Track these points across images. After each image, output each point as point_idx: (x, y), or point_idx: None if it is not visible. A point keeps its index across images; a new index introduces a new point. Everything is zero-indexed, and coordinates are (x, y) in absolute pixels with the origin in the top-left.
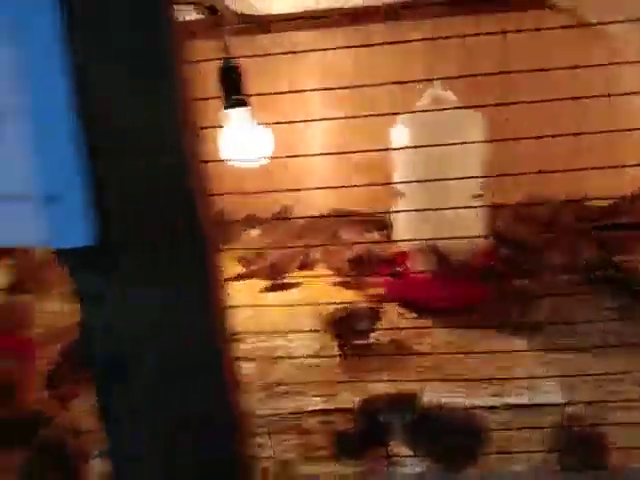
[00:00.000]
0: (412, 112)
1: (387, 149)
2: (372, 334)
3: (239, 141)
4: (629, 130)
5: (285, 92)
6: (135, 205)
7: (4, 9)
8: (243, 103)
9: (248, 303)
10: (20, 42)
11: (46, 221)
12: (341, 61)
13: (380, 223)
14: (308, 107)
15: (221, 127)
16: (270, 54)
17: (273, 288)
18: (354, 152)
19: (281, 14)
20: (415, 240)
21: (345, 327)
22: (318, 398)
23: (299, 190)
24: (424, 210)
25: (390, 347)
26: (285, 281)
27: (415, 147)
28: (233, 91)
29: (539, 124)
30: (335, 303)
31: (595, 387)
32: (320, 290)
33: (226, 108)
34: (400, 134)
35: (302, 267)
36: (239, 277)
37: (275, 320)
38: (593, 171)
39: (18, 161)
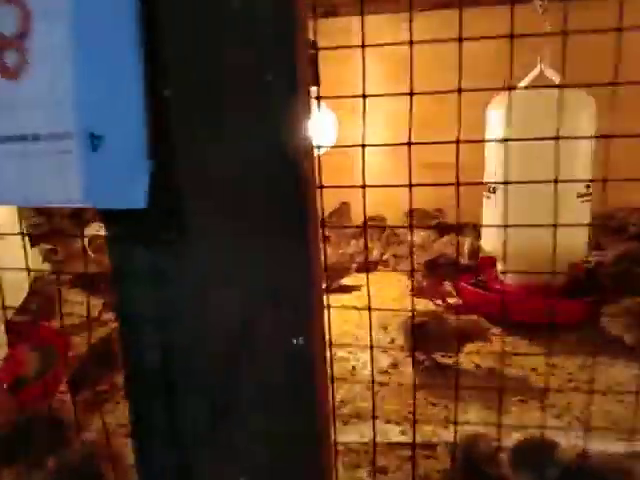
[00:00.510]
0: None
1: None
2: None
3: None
4: None
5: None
6: (209, 160)
7: None
8: (315, 81)
9: None
10: None
11: (88, 173)
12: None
13: (462, 224)
14: (374, 99)
15: None
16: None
17: (328, 291)
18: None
19: None
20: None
21: (429, 338)
22: (395, 427)
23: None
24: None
25: (480, 369)
26: (343, 283)
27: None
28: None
29: None
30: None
31: None
32: (385, 296)
33: None
34: (495, 120)
35: (361, 269)
36: None
37: (333, 329)
38: None
39: (54, 87)
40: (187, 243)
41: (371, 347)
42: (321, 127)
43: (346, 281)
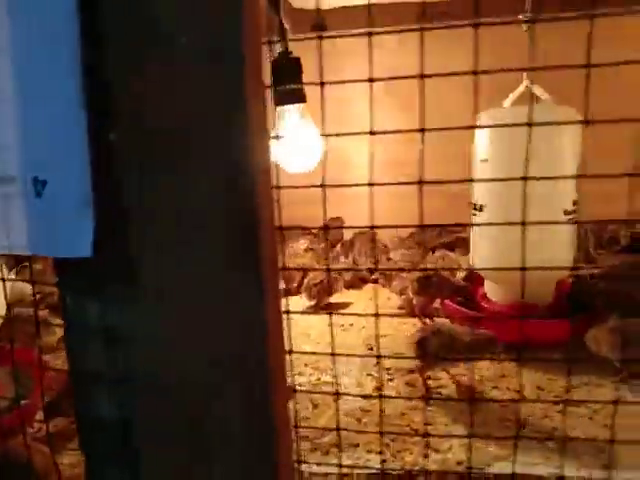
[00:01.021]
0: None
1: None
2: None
3: (291, 143)
4: None
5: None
6: (159, 207)
7: None
8: (301, 98)
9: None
10: None
11: (32, 219)
12: (404, 63)
13: (451, 242)
14: (364, 114)
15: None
16: None
17: (316, 310)
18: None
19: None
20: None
21: (431, 354)
22: (377, 456)
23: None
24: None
25: (461, 390)
26: (332, 301)
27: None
28: (289, 83)
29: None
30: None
31: None
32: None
33: (279, 104)
34: (480, 138)
35: (351, 286)
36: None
37: (320, 350)
38: None
39: None
40: (138, 294)
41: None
42: (307, 144)
43: (335, 299)
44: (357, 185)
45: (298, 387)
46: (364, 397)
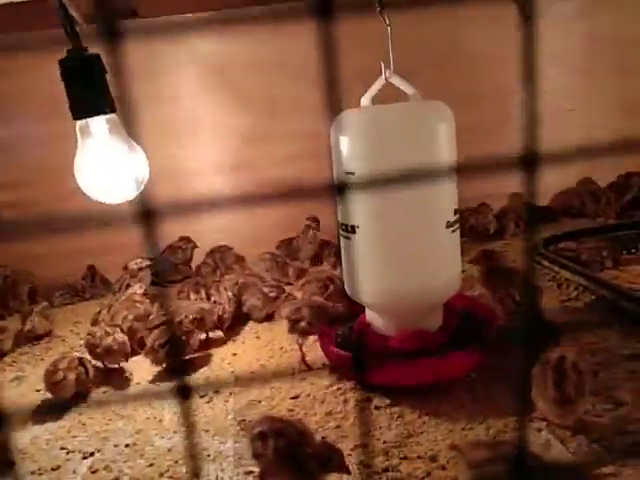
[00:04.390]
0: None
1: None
2: None
3: (101, 168)
4: None
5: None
6: None
7: None
8: (108, 108)
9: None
10: None
11: None
12: (235, 53)
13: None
14: (196, 114)
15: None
16: None
17: (173, 372)
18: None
19: None
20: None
21: None
22: None
23: None
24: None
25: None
26: (187, 357)
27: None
28: (91, 91)
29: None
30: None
31: None
32: (251, 360)
33: (79, 117)
34: (341, 144)
35: (211, 328)
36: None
37: (179, 442)
38: None
39: None
40: None
41: None
42: (120, 166)
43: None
44: None
45: None
46: None
